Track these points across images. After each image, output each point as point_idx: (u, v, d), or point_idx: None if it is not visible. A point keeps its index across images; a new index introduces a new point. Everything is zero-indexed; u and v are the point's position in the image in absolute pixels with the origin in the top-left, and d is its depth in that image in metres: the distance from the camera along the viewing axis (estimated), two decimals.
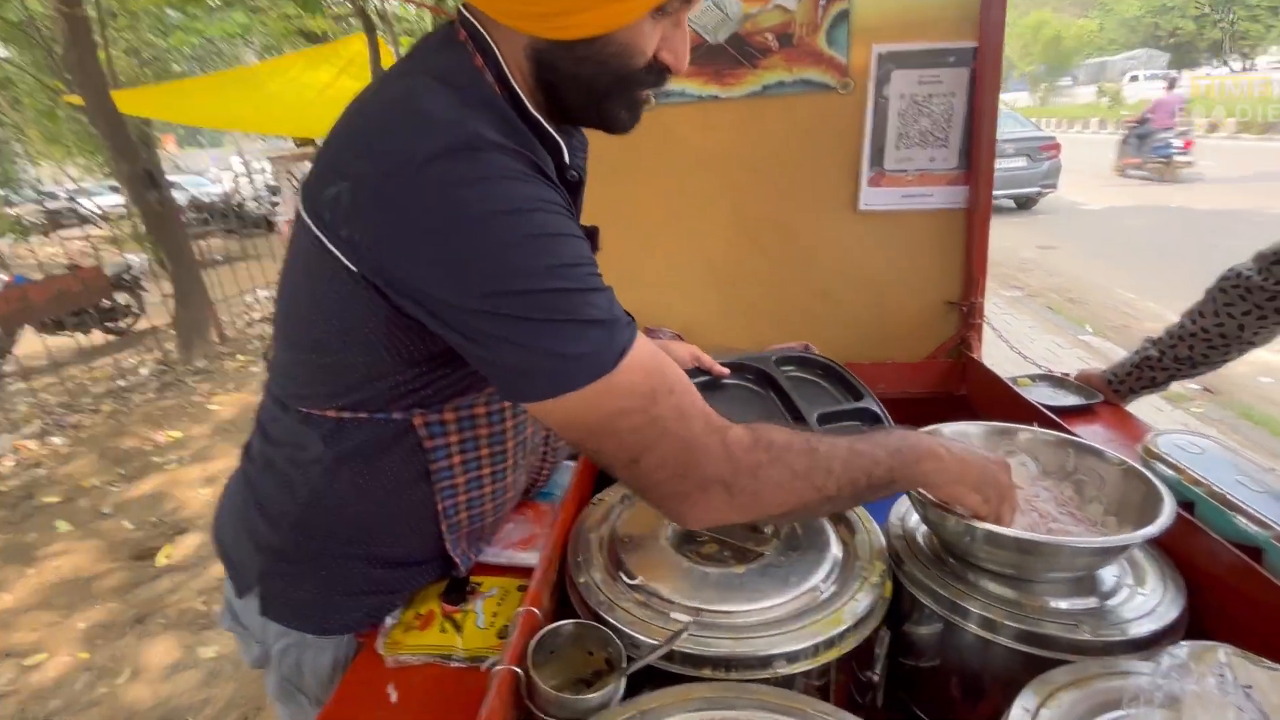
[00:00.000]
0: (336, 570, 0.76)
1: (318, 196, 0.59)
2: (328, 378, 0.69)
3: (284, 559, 0.76)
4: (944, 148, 1.30)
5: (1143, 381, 1.20)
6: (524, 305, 0.53)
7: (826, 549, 0.81)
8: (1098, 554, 0.67)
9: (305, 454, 0.73)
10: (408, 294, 0.58)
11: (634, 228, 1.41)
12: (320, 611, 0.77)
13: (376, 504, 0.75)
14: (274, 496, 0.75)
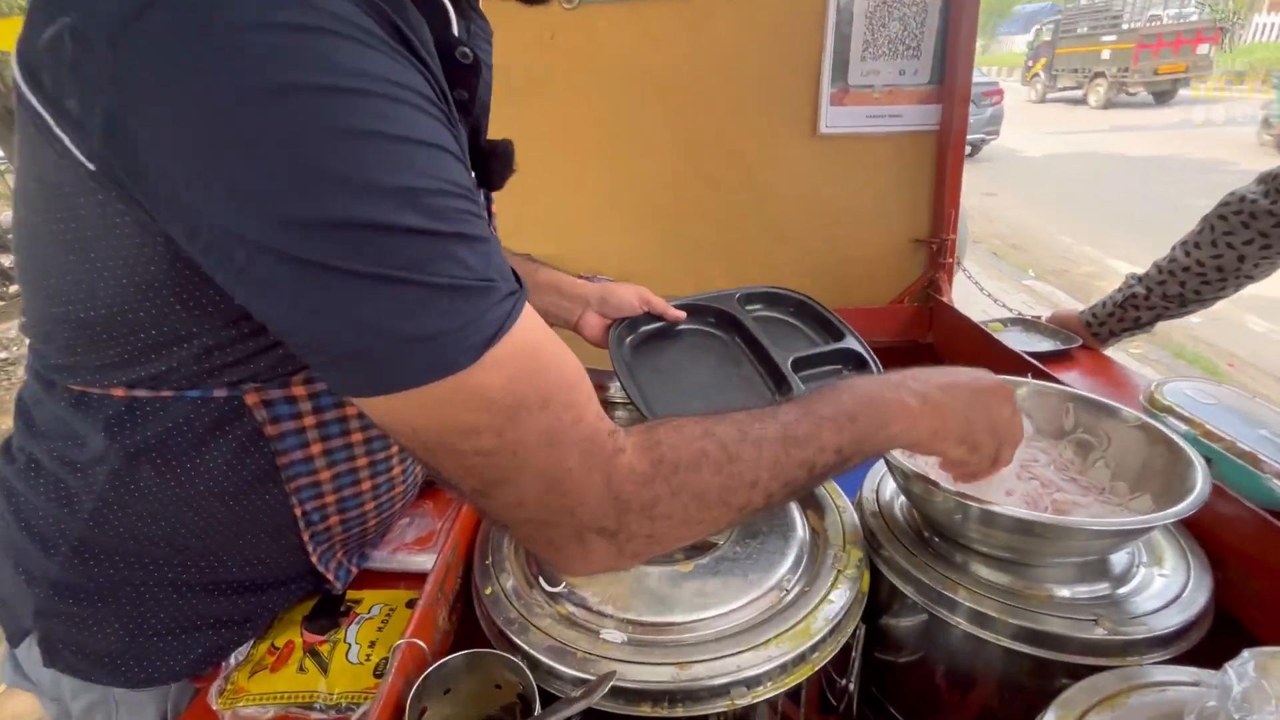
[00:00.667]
0: (146, 603, 0.56)
1: (32, 47, 0.38)
2: (102, 342, 0.48)
3: (68, 593, 0.56)
4: (916, 58, 1.13)
5: (1125, 323, 1.09)
6: (341, 246, 0.34)
7: (792, 534, 0.67)
8: (1120, 536, 0.55)
9: (83, 451, 0.54)
10: (166, 207, 0.38)
11: (554, 158, 1.20)
12: (129, 659, 0.57)
13: (198, 514, 0.55)
14: (44, 510, 0.56)
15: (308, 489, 0.60)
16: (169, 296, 0.45)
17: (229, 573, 0.59)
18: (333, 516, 0.63)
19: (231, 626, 0.61)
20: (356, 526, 0.66)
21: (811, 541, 0.67)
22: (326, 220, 0.33)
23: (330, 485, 0.61)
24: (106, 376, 0.50)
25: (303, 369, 0.54)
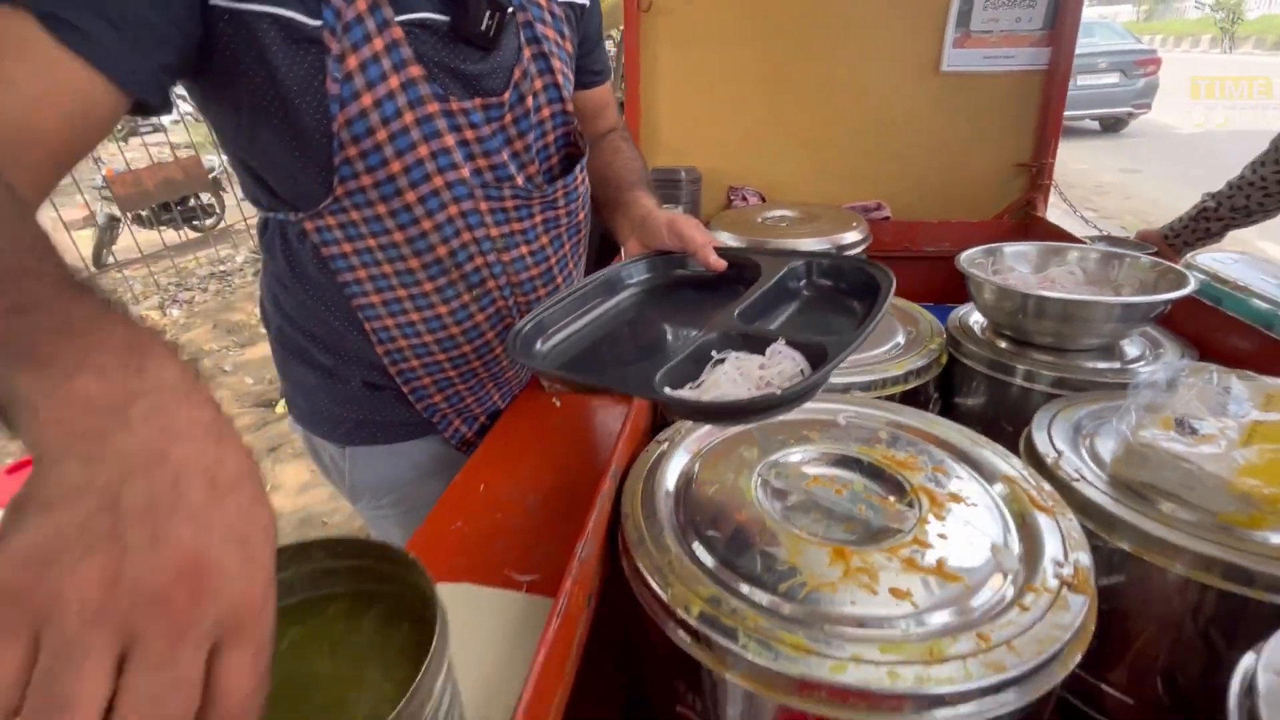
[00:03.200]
0: (313, 377, 0.80)
1: None
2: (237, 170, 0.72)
3: (280, 366, 0.83)
4: (1031, 7, 1.36)
5: (1198, 234, 1.30)
6: None
7: (893, 332, 0.99)
8: (1125, 311, 0.82)
9: (264, 254, 0.78)
10: None
11: (717, 93, 1.54)
12: (321, 419, 0.83)
13: (317, 313, 0.76)
14: (262, 290, 0.82)
15: (366, 309, 0.74)
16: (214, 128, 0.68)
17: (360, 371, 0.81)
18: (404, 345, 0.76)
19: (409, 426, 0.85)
20: (438, 372, 0.80)
21: (907, 336, 0.99)
22: None
23: (382, 307, 0.74)
24: (251, 197, 0.74)
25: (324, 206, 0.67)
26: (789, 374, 0.56)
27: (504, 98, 0.72)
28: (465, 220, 0.72)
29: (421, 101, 0.65)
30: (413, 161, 0.67)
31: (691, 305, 0.73)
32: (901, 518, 0.58)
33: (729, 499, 0.61)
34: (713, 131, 1.58)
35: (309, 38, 0.59)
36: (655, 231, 0.77)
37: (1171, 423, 0.63)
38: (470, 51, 0.68)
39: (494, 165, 0.73)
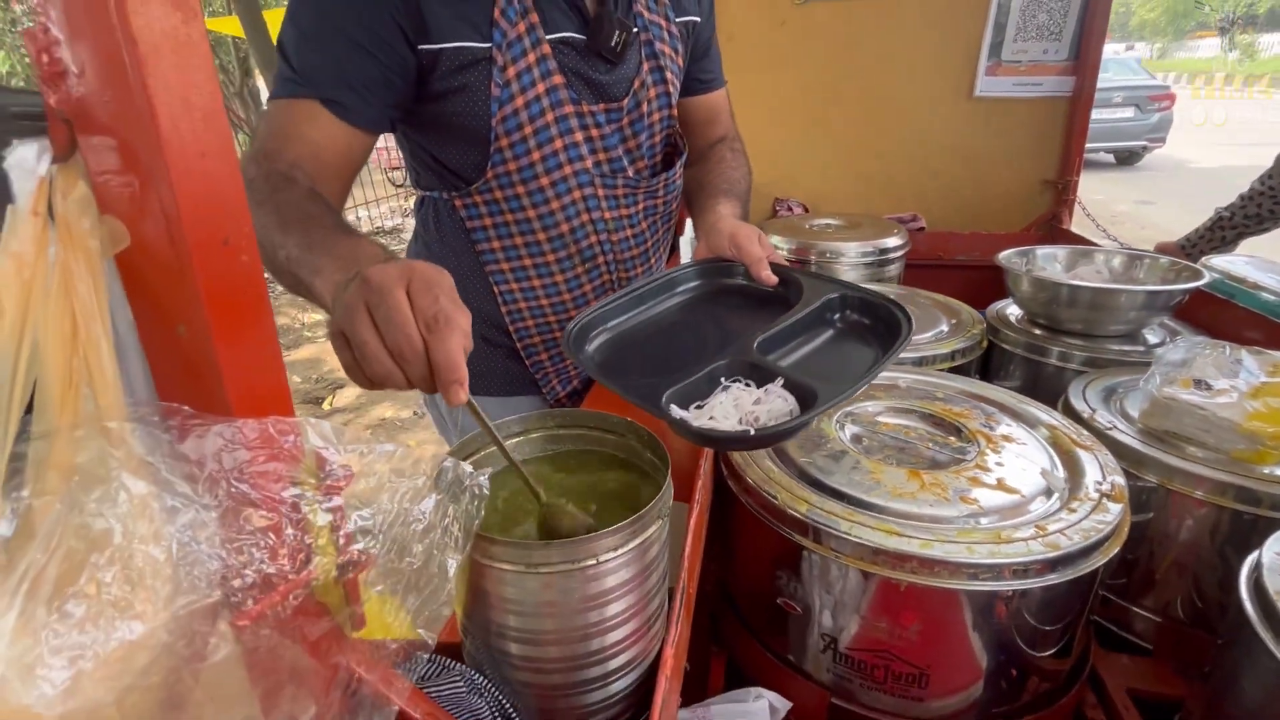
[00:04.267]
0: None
1: None
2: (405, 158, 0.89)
3: None
4: (1057, 41, 1.50)
5: (1213, 242, 1.41)
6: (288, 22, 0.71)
7: (939, 321, 1.11)
8: (1140, 298, 0.94)
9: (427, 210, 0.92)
10: None
11: (776, 107, 1.68)
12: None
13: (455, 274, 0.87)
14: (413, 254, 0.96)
15: (498, 274, 0.88)
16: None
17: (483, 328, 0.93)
18: (520, 302, 0.90)
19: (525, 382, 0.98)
20: (547, 333, 0.93)
21: (950, 325, 1.11)
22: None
23: (510, 274, 0.88)
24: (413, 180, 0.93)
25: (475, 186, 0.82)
26: (777, 413, 0.59)
27: (623, 103, 0.86)
28: (585, 203, 0.86)
29: (560, 104, 0.80)
30: (549, 152, 0.81)
31: (735, 315, 0.77)
32: (963, 452, 0.70)
33: (814, 438, 0.73)
34: (762, 146, 1.72)
35: (481, 57, 0.75)
36: (719, 239, 0.81)
37: (1190, 382, 0.74)
38: (600, 63, 0.82)
39: (611, 159, 0.87)
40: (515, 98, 0.77)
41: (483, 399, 1.02)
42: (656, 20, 0.87)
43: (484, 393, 1.00)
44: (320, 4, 0.70)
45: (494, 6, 0.74)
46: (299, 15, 0.71)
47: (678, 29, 0.91)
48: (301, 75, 0.69)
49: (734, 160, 1.01)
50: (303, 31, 0.70)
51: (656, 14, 0.87)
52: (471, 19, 0.74)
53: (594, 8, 0.80)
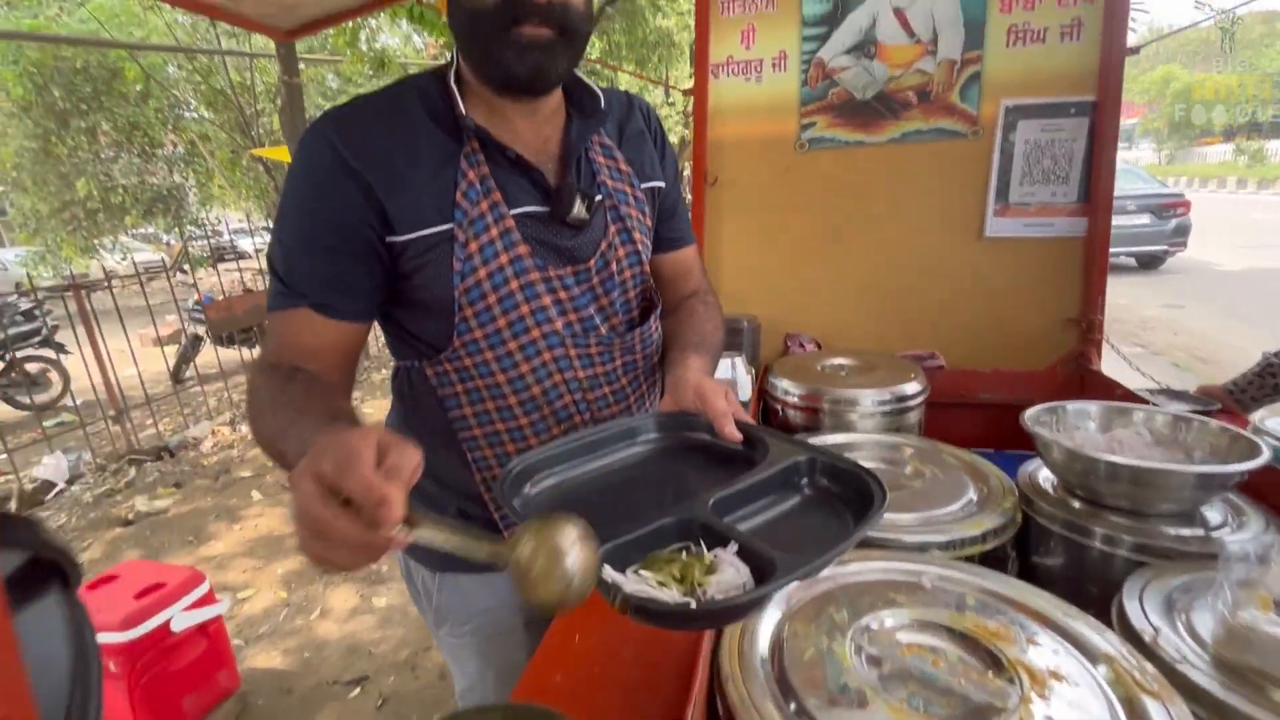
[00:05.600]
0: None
1: None
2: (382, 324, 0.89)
3: None
4: (1065, 184, 1.50)
5: (1265, 389, 1.31)
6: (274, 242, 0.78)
7: (965, 488, 1.02)
8: (1202, 481, 0.84)
9: (404, 385, 0.91)
10: None
11: (786, 248, 1.69)
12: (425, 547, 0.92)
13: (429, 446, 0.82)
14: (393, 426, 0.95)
15: (470, 440, 0.87)
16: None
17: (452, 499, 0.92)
18: (494, 468, 0.88)
19: None
20: None
21: (979, 494, 1.01)
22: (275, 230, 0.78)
23: (483, 439, 0.87)
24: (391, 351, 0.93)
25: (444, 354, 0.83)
26: (727, 585, 0.51)
27: (590, 264, 0.86)
28: (557, 364, 0.85)
29: (525, 271, 0.81)
30: (515, 318, 0.82)
31: (694, 472, 0.73)
32: (1003, 694, 0.59)
33: (825, 665, 0.63)
34: (772, 283, 1.72)
35: (444, 237, 0.78)
36: (684, 391, 0.79)
37: (1270, 603, 0.63)
38: (565, 230, 0.84)
39: (583, 318, 0.86)
40: (478, 269, 0.79)
41: (461, 576, 0.95)
42: (621, 188, 0.90)
43: (463, 570, 0.94)
44: (299, 219, 0.76)
45: (455, 190, 0.78)
46: (282, 232, 0.77)
47: (643, 194, 0.93)
48: (291, 286, 0.75)
49: (705, 313, 0.99)
50: (287, 247, 0.76)
51: (620, 181, 0.90)
52: (435, 206, 0.78)
53: (556, 181, 0.83)
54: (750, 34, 1.63)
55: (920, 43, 1.52)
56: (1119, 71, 1.41)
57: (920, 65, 1.53)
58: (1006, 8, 1.45)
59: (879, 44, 1.54)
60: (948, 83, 1.52)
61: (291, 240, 0.76)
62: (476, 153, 0.79)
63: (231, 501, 3.43)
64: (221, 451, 4.17)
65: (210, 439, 4.32)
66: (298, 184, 0.76)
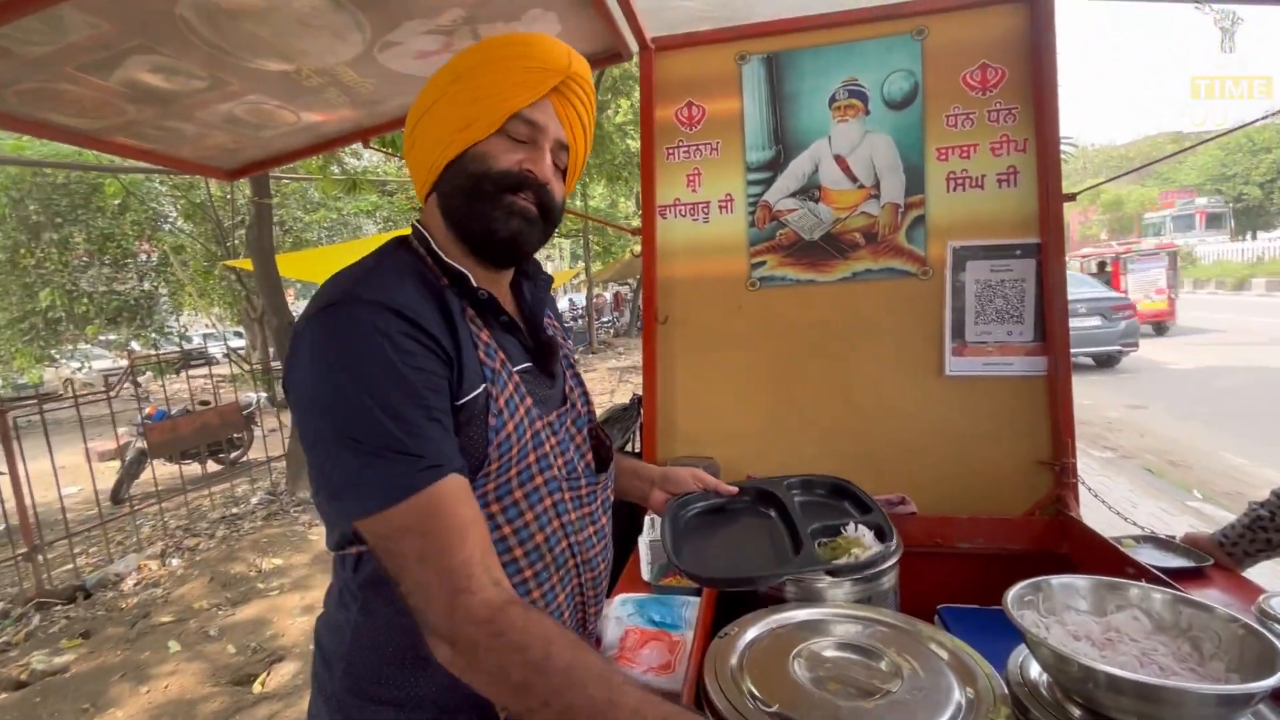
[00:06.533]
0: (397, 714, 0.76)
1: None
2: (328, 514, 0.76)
3: (340, 708, 0.78)
4: (1020, 323, 1.47)
5: (1257, 544, 1.21)
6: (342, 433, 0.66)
7: (951, 692, 0.87)
8: (1222, 702, 0.72)
9: (347, 594, 0.79)
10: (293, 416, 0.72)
11: (741, 387, 1.62)
12: None
13: (403, 637, 0.75)
14: (329, 642, 0.81)
15: None
16: None
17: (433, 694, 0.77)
18: None
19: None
20: None
21: (966, 701, 0.86)
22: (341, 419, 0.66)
23: None
24: (342, 539, 0.77)
25: None
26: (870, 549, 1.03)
27: (564, 407, 0.91)
28: (555, 509, 0.85)
29: (533, 421, 0.83)
30: (523, 466, 0.82)
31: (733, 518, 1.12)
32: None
33: None
34: (729, 423, 1.63)
35: (481, 396, 0.78)
36: (683, 479, 1.10)
37: None
38: (545, 379, 0.89)
39: (567, 461, 0.89)
40: (506, 424, 0.80)
41: None
42: (558, 339, 0.97)
43: None
44: (394, 389, 0.68)
45: (477, 350, 0.79)
46: (373, 411, 0.66)
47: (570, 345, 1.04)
48: (425, 455, 0.67)
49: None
50: (392, 419, 0.67)
51: (557, 334, 0.98)
52: (473, 367, 0.78)
53: (530, 337, 0.89)
54: (696, 178, 1.64)
55: (863, 187, 1.53)
56: (1059, 216, 1.43)
57: (865, 208, 1.54)
58: (944, 156, 1.49)
59: (823, 188, 1.56)
60: (893, 225, 1.52)
61: (396, 411, 0.67)
62: (474, 317, 0.81)
63: (144, 655, 3.03)
64: (145, 590, 3.77)
65: (135, 575, 3.92)
66: (376, 358, 0.68)
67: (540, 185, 0.82)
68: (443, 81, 0.81)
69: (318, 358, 0.69)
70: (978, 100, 1.46)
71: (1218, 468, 5.04)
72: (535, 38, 0.82)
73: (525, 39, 0.82)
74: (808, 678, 0.92)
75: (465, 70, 0.80)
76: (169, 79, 1.18)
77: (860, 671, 0.94)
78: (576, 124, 0.87)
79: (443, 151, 0.80)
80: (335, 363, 0.68)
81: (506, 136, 0.80)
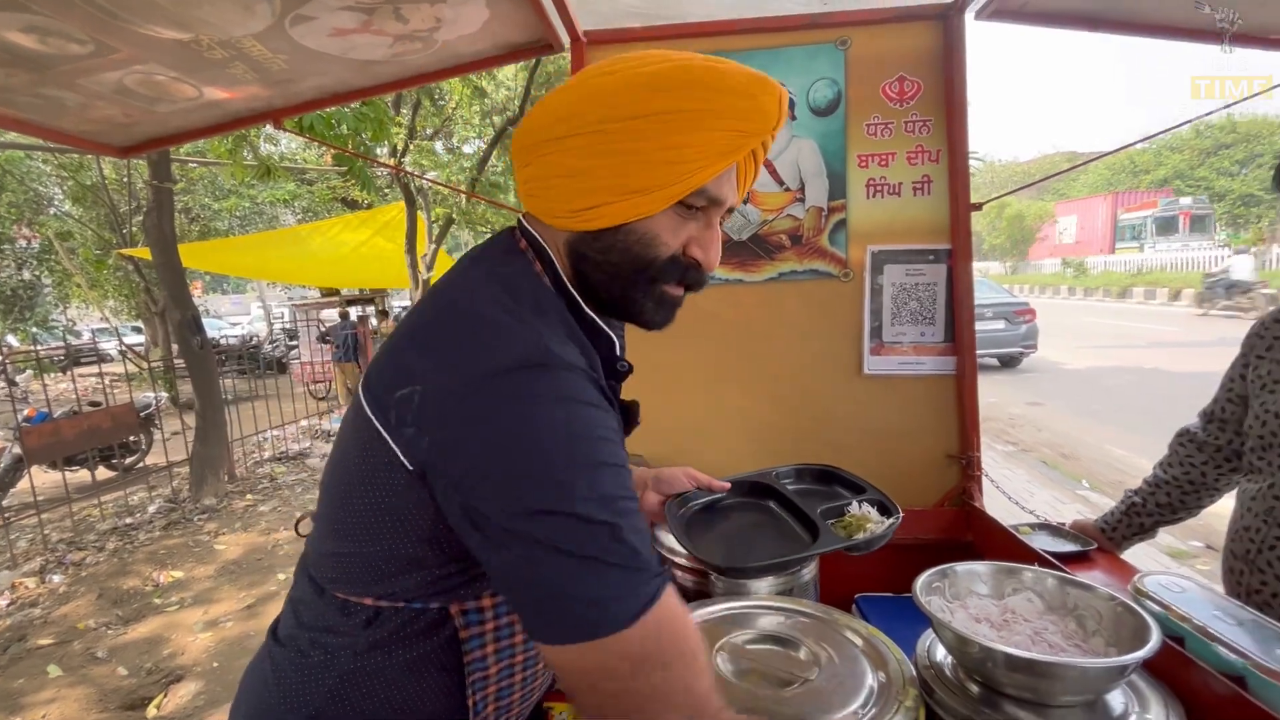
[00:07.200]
0: None
1: (385, 395, 0.60)
2: (369, 566, 0.67)
3: None
4: (931, 325, 1.55)
5: (1133, 528, 1.33)
6: (563, 533, 0.53)
7: (864, 677, 0.91)
8: (1102, 674, 0.78)
9: (337, 639, 0.70)
10: (456, 499, 0.58)
11: (674, 385, 1.62)
12: None
13: (401, 696, 0.69)
14: (297, 682, 0.71)
15: (479, 681, 0.72)
16: (425, 544, 0.64)
17: None
18: (490, 705, 0.74)
19: None
20: (505, 713, 0.78)
21: (878, 684, 0.90)
22: (561, 512, 0.53)
23: (495, 677, 0.73)
24: (365, 590, 0.68)
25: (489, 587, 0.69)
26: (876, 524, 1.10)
27: None
28: None
29: None
30: None
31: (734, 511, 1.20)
32: None
33: None
34: (658, 422, 1.62)
35: None
36: (676, 479, 1.11)
37: None
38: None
39: None
40: None
41: None
42: None
43: None
44: (611, 474, 0.57)
45: None
46: (602, 499, 0.55)
47: None
48: (649, 565, 0.57)
49: None
50: (618, 510, 0.56)
51: None
52: None
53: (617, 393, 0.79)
54: None
55: (790, 190, 1.58)
56: (967, 223, 1.51)
57: (791, 210, 1.58)
58: (864, 164, 1.55)
59: (752, 190, 1.59)
60: (817, 228, 1.57)
61: (618, 499, 0.56)
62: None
63: (17, 683, 2.74)
64: (20, 611, 3.41)
65: (7, 595, 3.53)
66: (589, 430, 0.57)
67: (703, 279, 0.72)
68: (623, 109, 0.62)
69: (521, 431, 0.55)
70: (896, 111, 1.53)
71: (1103, 459, 5.53)
72: (757, 80, 0.64)
73: (746, 82, 0.63)
74: (730, 670, 0.94)
75: (658, 113, 0.61)
76: (44, 41, 1.06)
77: (780, 662, 0.96)
78: (751, 178, 0.73)
79: (596, 207, 0.64)
80: (550, 439, 0.55)
81: (681, 206, 0.66)
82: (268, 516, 4.73)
